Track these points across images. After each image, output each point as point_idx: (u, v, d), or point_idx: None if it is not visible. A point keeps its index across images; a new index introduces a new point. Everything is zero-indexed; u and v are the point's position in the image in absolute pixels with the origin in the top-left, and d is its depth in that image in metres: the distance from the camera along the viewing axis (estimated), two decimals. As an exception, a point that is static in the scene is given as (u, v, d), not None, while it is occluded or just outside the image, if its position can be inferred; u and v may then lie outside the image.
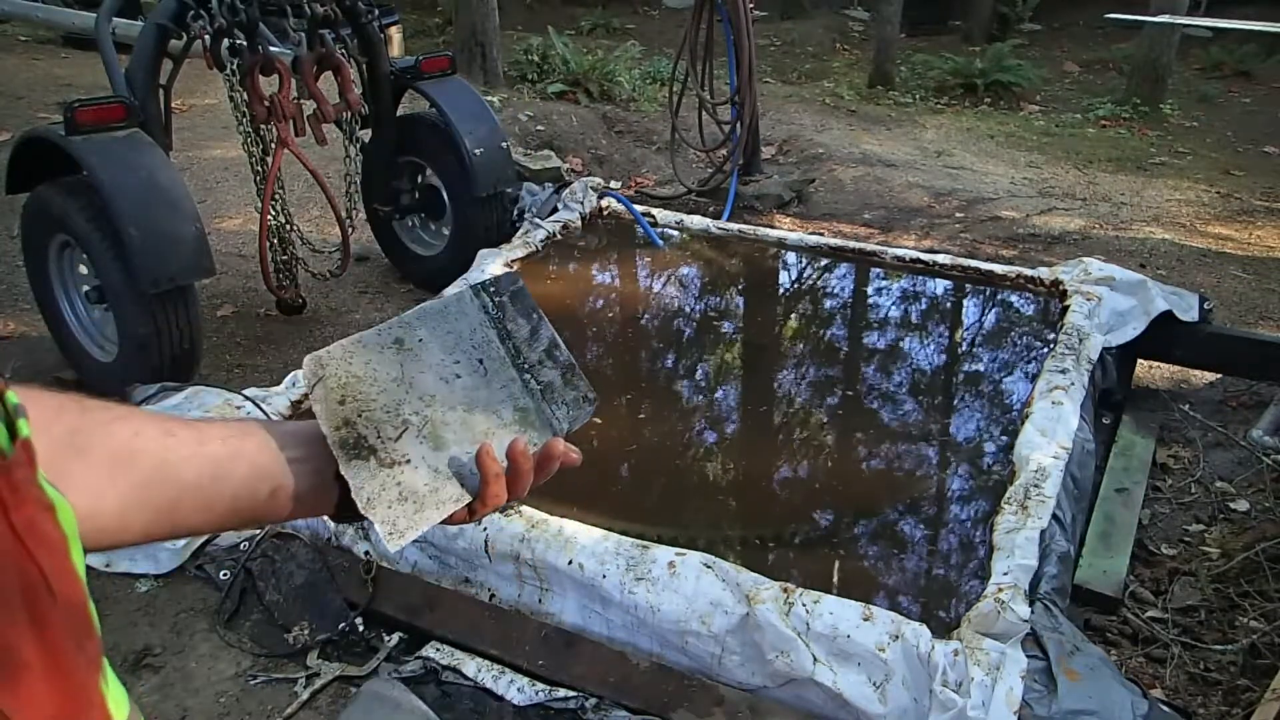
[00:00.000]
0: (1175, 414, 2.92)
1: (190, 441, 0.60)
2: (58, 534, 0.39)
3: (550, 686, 1.84)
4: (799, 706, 1.76)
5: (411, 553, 2.11)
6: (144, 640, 2.04)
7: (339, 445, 0.66)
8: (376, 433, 0.68)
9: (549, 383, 0.75)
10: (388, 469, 0.67)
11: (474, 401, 0.72)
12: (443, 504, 0.68)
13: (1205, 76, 8.45)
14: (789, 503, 2.36)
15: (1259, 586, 2.10)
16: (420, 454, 0.68)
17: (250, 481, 0.62)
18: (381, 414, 0.69)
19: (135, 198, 2.59)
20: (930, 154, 5.97)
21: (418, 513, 0.66)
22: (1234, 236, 4.60)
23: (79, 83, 6.39)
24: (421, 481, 0.67)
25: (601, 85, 6.73)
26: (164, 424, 0.60)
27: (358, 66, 3.31)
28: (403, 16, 6.63)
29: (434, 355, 0.73)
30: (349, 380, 0.69)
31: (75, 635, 0.38)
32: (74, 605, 0.39)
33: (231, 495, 0.61)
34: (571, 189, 3.80)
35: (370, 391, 0.69)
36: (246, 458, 0.62)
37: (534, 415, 0.73)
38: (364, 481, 0.65)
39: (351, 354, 0.71)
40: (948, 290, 3.34)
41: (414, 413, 0.70)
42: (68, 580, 0.39)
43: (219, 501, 0.61)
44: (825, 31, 10.50)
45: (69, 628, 0.38)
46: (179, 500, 0.59)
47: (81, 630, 0.39)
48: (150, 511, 0.57)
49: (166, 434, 0.60)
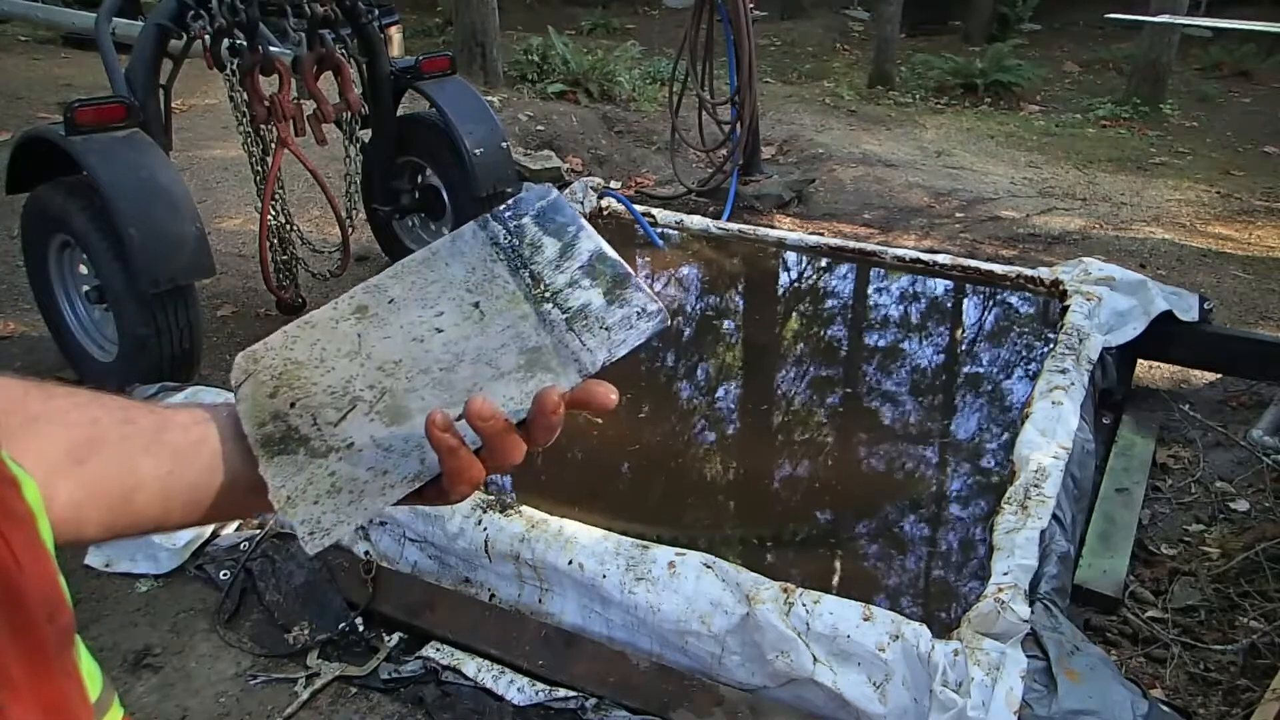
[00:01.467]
0: (1175, 414, 2.92)
1: (149, 430, 0.58)
2: (24, 508, 0.39)
3: (550, 686, 1.84)
4: (799, 706, 1.76)
5: (411, 553, 2.11)
6: (144, 640, 2.04)
7: (261, 443, 0.58)
8: (312, 420, 0.59)
9: (581, 307, 0.62)
10: (320, 459, 0.58)
11: (458, 356, 0.61)
12: (388, 489, 0.58)
13: (1205, 76, 8.45)
14: (789, 503, 2.36)
15: (1259, 586, 2.10)
16: (368, 434, 0.59)
17: (211, 472, 0.59)
18: (323, 397, 0.60)
19: (135, 198, 2.59)
20: (930, 154, 5.97)
21: (353, 504, 0.57)
22: (1234, 236, 4.60)
23: (79, 83, 6.39)
24: (364, 466, 0.58)
25: (601, 85, 6.73)
26: (125, 412, 0.58)
27: (358, 66, 3.31)
28: (403, 16, 6.63)
29: (408, 314, 0.63)
30: (286, 369, 0.62)
31: (46, 608, 0.38)
32: (44, 579, 0.39)
33: (190, 486, 0.58)
34: (571, 189, 3.81)
35: (313, 375, 0.61)
36: (208, 447, 0.59)
37: (549, 354, 0.60)
38: (285, 479, 0.58)
39: (294, 339, 0.63)
40: (948, 290, 3.34)
41: (367, 387, 0.60)
42: (36, 554, 0.39)
43: (178, 493, 0.58)
44: (825, 31, 10.50)
45: (39, 601, 0.38)
46: (135, 492, 0.56)
47: (52, 603, 0.39)
48: (106, 504, 0.55)
49: (125, 423, 0.57)
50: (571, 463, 2.44)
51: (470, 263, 0.65)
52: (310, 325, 0.63)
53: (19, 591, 0.37)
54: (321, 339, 0.62)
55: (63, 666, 0.40)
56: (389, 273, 0.65)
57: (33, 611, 0.37)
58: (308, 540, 0.56)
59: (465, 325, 0.62)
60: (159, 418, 0.59)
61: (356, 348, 0.62)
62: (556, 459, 2.43)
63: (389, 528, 2.12)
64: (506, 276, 0.64)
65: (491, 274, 0.64)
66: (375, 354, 0.61)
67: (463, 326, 0.62)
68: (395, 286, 0.64)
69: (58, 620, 0.39)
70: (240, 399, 0.60)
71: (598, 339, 0.60)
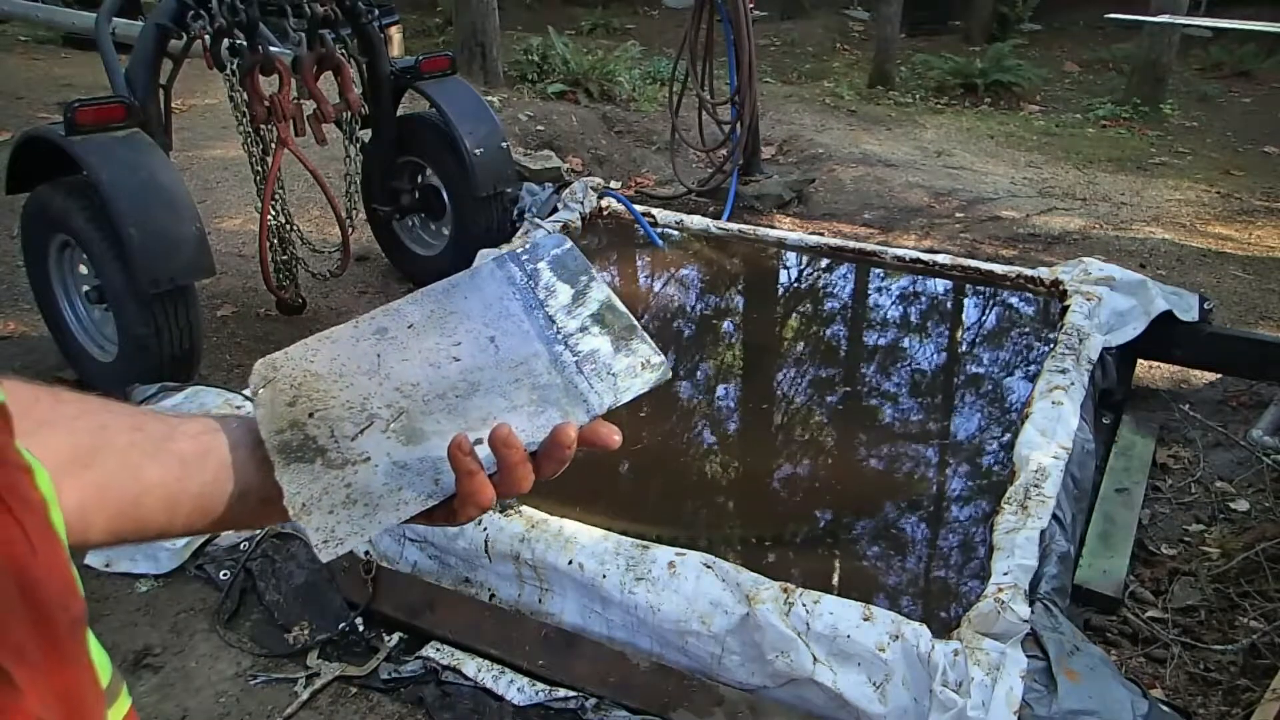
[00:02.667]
0: (1175, 414, 2.92)
1: (157, 437, 0.58)
2: (37, 496, 0.40)
3: (550, 686, 1.84)
4: (799, 706, 1.76)
5: (412, 553, 2.11)
6: (144, 640, 2.04)
7: (278, 450, 0.60)
8: (330, 432, 0.61)
9: (590, 352, 0.65)
10: (336, 470, 0.60)
11: (473, 385, 0.63)
12: (403, 505, 0.59)
13: (1205, 76, 8.45)
14: (789, 503, 2.36)
15: (1259, 586, 2.10)
16: (384, 450, 0.61)
17: (218, 481, 0.59)
18: (341, 411, 0.62)
19: (135, 198, 2.59)
20: (930, 154, 5.97)
21: (367, 516, 0.59)
22: (1234, 236, 4.60)
23: (79, 83, 6.39)
24: (379, 481, 0.60)
25: (601, 85, 6.73)
26: (133, 419, 0.58)
27: (358, 66, 3.31)
28: (403, 16, 6.62)
29: (426, 340, 0.65)
30: (305, 379, 0.63)
31: (60, 594, 0.39)
32: (57, 566, 0.39)
33: (197, 495, 0.59)
34: (571, 189, 3.80)
35: (331, 389, 0.63)
36: (216, 457, 0.60)
37: (559, 393, 0.63)
38: (301, 486, 0.59)
39: (315, 351, 0.65)
40: (948, 290, 3.34)
41: (385, 405, 0.62)
42: (49, 541, 0.39)
43: (184, 501, 0.58)
44: (825, 31, 10.50)
45: (54, 587, 0.38)
46: (141, 498, 0.56)
47: (66, 590, 0.39)
48: (111, 509, 0.55)
49: (134, 429, 0.58)
50: (571, 463, 2.44)
51: (487, 299, 0.68)
52: (330, 340, 0.65)
53: (35, 577, 0.37)
54: (341, 355, 0.65)
55: (75, 653, 0.40)
56: (409, 299, 0.68)
57: (48, 597, 0.37)
58: (321, 548, 0.58)
59: (481, 357, 0.65)
60: (167, 426, 0.59)
61: (375, 367, 0.64)
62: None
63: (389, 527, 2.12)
64: (521, 315, 0.67)
65: (507, 311, 0.67)
66: (394, 375, 0.64)
67: (478, 358, 0.65)
68: (415, 313, 0.67)
69: (71, 607, 0.39)
70: (259, 404, 0.62)
71: (605, 384, 0.64)
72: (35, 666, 0.36)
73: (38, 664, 0.36)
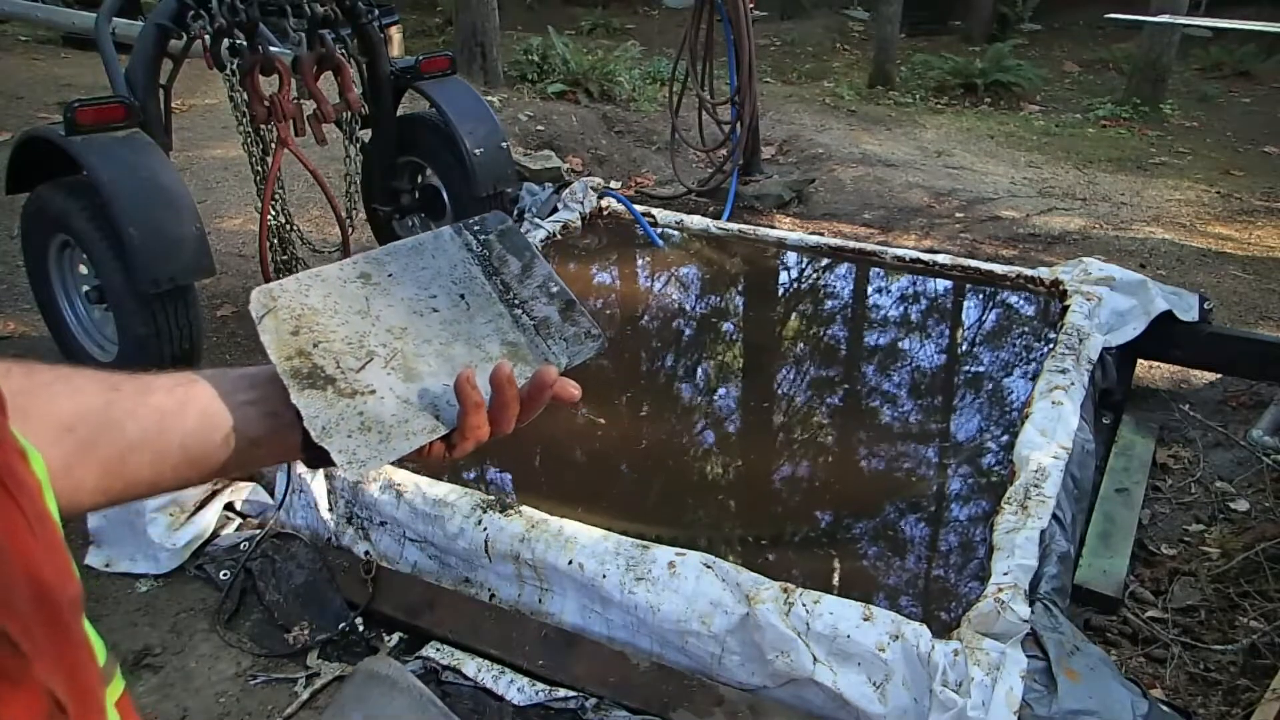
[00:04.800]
0: (1175, 414, 2.92)
1: (133, 394, 0.59)
2: (33, 479, 0.40)
3: (550, 686, 1.84)
4: (799, 706, 1.76)
5: (411, 553, 2.11)
6: (144, 640, 2.04)
7: (290, 374, 0.62)
8: (335, 363, 0.64)
9: (544, 318, 0.71)
10: (347, 398, 0.62)
11: (454, 335, 0.68)
12: (413, 435, 0.63)
13: (1205, 76, 8.45)
14: (789, 503, 2.36)
15: (1259, 586, 2.10)
16: (388, 384, 0.64)
17: (200, 430, 0.60)
18: (342, 345, 0.65)
19: (135, 198, 2.59)
20: (930, 154, 5.97)
21: (383, 443, 0.62)
22: (1234, 236, 4.60)
23: (79, 83, 6.39)
24: (389, 412, 0.63)
25: (601, 85, 6.73)
26: (108, 380, 0.59)
27: (358, 66, 3.31)
28: (403, 16, 6.63)
29: (406, 289, 0.70)
30: (304, 312, 0.66)
31: (58, 576, 0.39)
32: (54, 548, 0.40)
33: (180, 445, 0.59)
34: (571, 189, 3.80)
35: (330, 323, 0.66)
36: (195, 406, 0.60)
37: (525, 349, 0.69)
38: (319, 410, 0.61)
39: (308, 286, 0.68)
40: (948, 290, 3.34)
41: (381, 345, 0.66)
42: (46, 524, 0.40)
43: (169, 453, 0.59)
44: (825, 31, 10.50)
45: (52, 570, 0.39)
46: (126, 454, 0.57)
47: (63, 572, 0.40)
48: (98, 468, 0.56)
49: (110, 389, 0.59)
50: (571, 463, 2.44)
51: (452, 260, 0.74)
52: (320, 279, 0.69)
53: (35, 559, 0.37)
54: (333, 293, 0.68)
55: (75, 634, 0.40)
56: (383, 250, 0.73)
57: (48, 578, 0.38)
58: (346, 468, 0.61)
59: (455, 311, 0.70)
60: (142, 383, 0.60)
61: (366, 308, 0.68)
62: (556, 459, 2.43)
63: (389, 528, 2.12)
64: (482, 279, 0.73)
65: (470, 274, 0.73)
66: (383, 317, 0.68)
67: (453, 311, 0.70)
68: (391, 264, 0.71)
69: (69, 590, 0.40)
70: (264, 330, 0.65)
71: (559, 346, 0.70)
72: (41, 646, 0.36)
73: (43, 640, 0.36)
